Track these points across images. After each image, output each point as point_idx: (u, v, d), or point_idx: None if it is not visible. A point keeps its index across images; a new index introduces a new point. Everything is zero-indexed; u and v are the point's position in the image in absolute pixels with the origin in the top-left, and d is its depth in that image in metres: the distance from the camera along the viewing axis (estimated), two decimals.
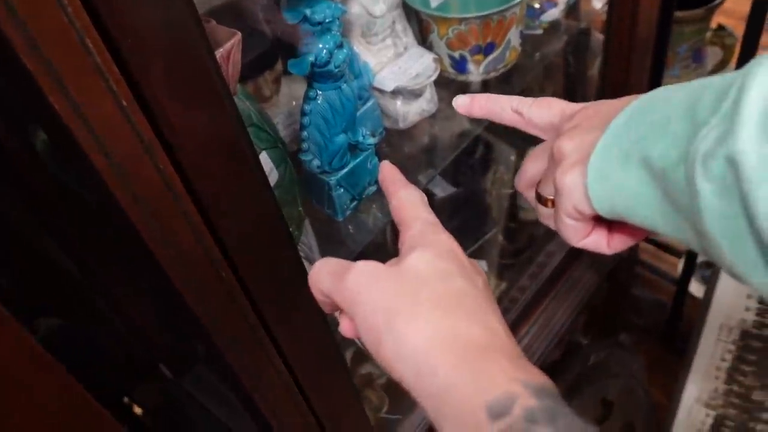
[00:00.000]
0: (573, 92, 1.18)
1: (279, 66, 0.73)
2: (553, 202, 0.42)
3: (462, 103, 0.49)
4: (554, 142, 0.41)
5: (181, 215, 0.44)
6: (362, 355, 1.04)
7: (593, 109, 0.41)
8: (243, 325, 0.53)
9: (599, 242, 0.43)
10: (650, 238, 1.61)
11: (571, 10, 1.05)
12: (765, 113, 0.28)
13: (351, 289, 0.37)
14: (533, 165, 0.46)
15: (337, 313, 0.40)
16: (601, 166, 0.37)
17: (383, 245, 1.13)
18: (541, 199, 0.44)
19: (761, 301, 1.21)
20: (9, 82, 0.37)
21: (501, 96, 0.47)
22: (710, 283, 1.29)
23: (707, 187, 0.30)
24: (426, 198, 0.44)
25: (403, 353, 0.33)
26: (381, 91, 0.77)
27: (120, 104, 0.38)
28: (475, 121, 0.87)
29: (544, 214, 0.45)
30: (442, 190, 1.15)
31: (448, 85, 0.84)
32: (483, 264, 1.16)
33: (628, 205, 0.36)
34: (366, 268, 0.37)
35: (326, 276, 0.39)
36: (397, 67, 0.76)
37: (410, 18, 0.81)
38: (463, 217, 1.18)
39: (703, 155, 0.30)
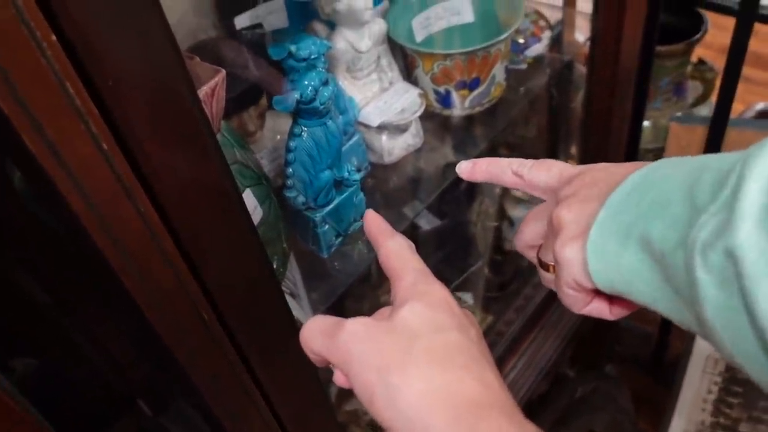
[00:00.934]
0: (557, 125, 1.19)
1: (264, 101, 0.73)
2: (554, 268, 0.42)
3: (465, 168, 0.49)
4: (553, 207, 0.41)
5: (161, 257, 0.43)
6: (347, 392, 1.02)
7: (591, 177, 0.40)
8: (224, 364, 0.52)
9: (601, 310, 0.43)
10: None
11: (554, 43, 1.06)
12: (764, 207, 0.28)
13: (342, 349, 0.36)
14: (532, 227, 0.46)
15: (331, 365, 0.40)
16: (600, 243, 0.37)
17: (368, 278, 1.12)
18: (542, 265, 0.44)
19: None
20: None
21: (501, 159, 0.48)
22: None
23: (706, 278, 0.30)
24: (414, 246, 0.44)
25: (396, 409, 0.32)
26: (366, 126, 0.77)
27: (99, 146, 0.37)
28: (461, 153, 0.87)
29: (547, 278, 0.45)
30: (428, 222, 1.14)
31: (433, 119, 0.84)
32: (468, 297, 1.15)
33: (627, 283, 0.36)
34: (357, 326, 0.37)
35: (317, 335, 0.38)
36: (382, 102, 0.76)
37: (395, 53, 0.81)
38: (448, 250, 1.18)
39: (702, 245, 0.30)
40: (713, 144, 1.09)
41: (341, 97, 0.72)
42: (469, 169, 0.48)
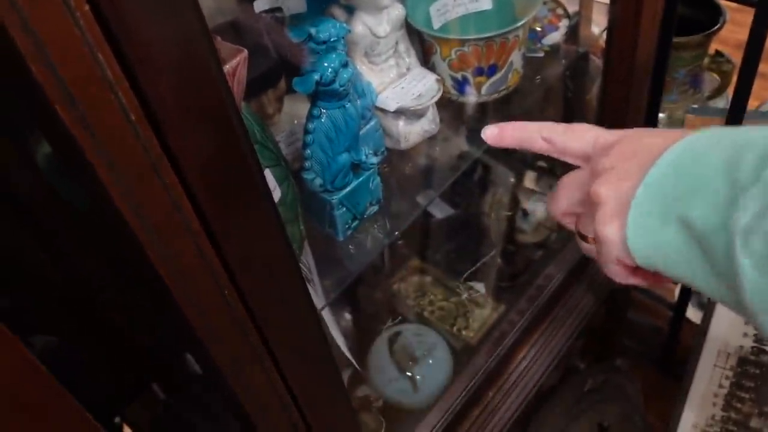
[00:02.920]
0: (571, 116, 1.19)
1: (282, 84, 0.73)
2: (594, 240, 0.42)
3: (491, 134, 0.48)
4: (588, 176, 0.41)
5: (185, 230, 0.43)
6: (359, 377, 1.03)
7: (629, 148, 0.40)
8: (244, 342, 0.52)
9: (646, 278, 0.42)
10: None
11: (570, 35, 1.06)
12: None
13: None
14: (567, 195, 0.45)
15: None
16: (639, 223, 0.37)
17: (380, 268, 1.12)
18: (582, 236, 0.45)
19: None
20: (16, 92, 0.37)
21: (529, 123, 0.47)
22: (708, 309, 1.29)
23: (747, 262, 0.30)
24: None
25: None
26: (383, 111, 0.77)
27: (128, 117, 0.37)
28: (475, 143, 0.87)
29: (586, 248, 0.45)
30: (441, 211, 1.14)
31: (449, 106, 0.84)
32: (480, 286, 1.15)
33: (668, 262, 0.36)
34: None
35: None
36: (399, 88, 0.77)
37: (413, 39, 0.81)
38: (461, 239, 1.18)
39: (744, 229, 0.30)
40: None
41: (359, 81, 0.72)
42: (495, 134, 0.47)
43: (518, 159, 1.21)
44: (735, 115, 1.06)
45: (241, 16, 0.74)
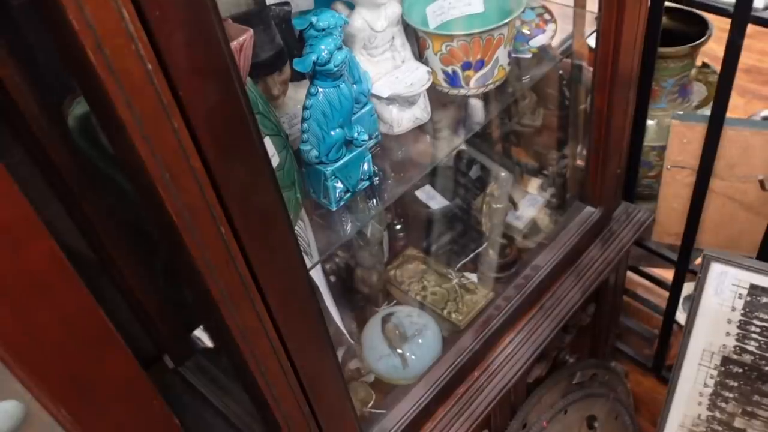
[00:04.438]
0: (563, 119, 1.26)
1: (287, 70, 0.81)
2: None
3: None
4: None
5: (190, 171, 0.51)
6: (352, 353, 1.10)
7: None
8: (237, 280, 0.60)
9: None
10: (637, 268, 1.66)
11: (568, 48, 1.14)
12: None
13: None
14: None
15: None
16: None
17: (379, 253, 1.19)
18: None
19: (741, 326, 1.25)
20: (58, 40, 0.45)
21: None
22: (692, 309, 1.34)
23: None
24: None
25: None
26: (378, 99, 0.85)
27: (145, 66, 0.45)
28: (466, 130, 0.95)
29: None
30: (437, 203, 1.22)
31: (442, 98, 0.92)
32: (474, 276, 1.22)
33: None
34: None
35: None
36: (394, 77, 0.85)
37: (409, 36, 0.89)
38: (456, 230, 1.25)
39: None
40: (712, 141, 1.15)
41: (356, 68, 0.81)
42: None
43: (514, 161, 1.29)
44: (716, 121, 1.13)
45: (253, 7, 0.83)
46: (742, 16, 0.99)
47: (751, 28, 1.02)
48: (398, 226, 1.30)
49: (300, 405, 0.76)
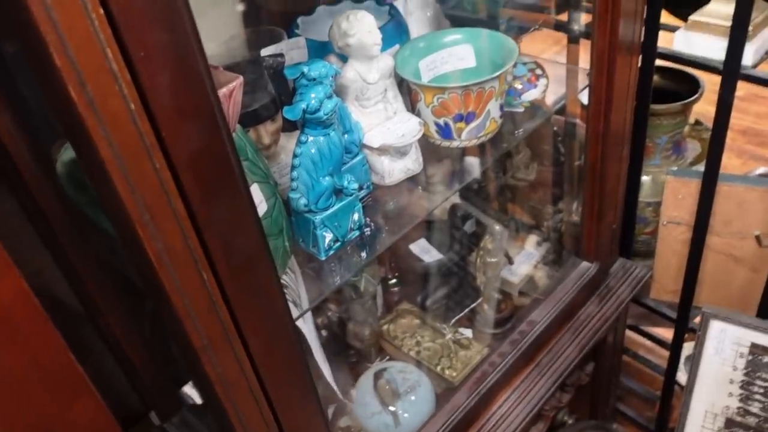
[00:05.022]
0: (557, 173, 1.26)
1: (279, 120, 0.82)
2: None
3: None
4: None
5: (171, 212, 0.51)
6: (343, 409, 1.06)
7: None
8: (218, 328, 0.58)
9: None
10: (637, 328, 1.63)
11: (561, 109, 1.15)
12: None
13: None
14: None
15: None
16: None
17: (373, 308, 1.17)
18: None
19: (743, 387, 1.22)
20: (41, 76, 0.45)
21: None
22: (692, 368, 1.31)
23: None
24: None
25: None
26: (370, 149, 0.85)
27: (128, 105, 0.45)
28: (459, 182, 0.95)
29: None
30: (431, 257, 1.21)
31: (434, 150, 0.92)
32: (468, 332, 1.20)
33: None
34: None
35: None
36: (385, 128, 0.85)
37: (402, 89, 0.90)
38: (451, 285, 1.23)
39: None
40: (706, 196, 1.15)
41: (348, 118, 0.81)
42: None
43: (509, 217, 1.29)
44: (710, 176, 1.13)
45: (247, 59, 0.84)
46: (731, 73, 1.01)
47: (746, 90, 1.03)
48: (392, 281, 1.29)
49: None
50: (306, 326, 0.92)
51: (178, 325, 0.57)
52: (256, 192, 0.68)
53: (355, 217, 0.79)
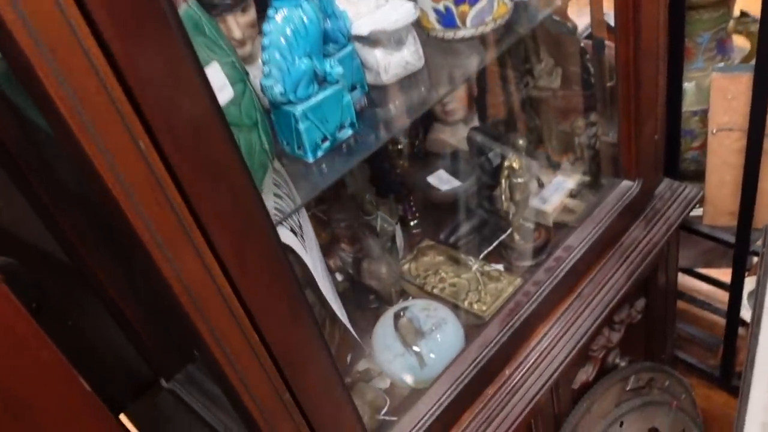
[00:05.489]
0: (594, 98, 1.13)
1: (253, 11, 0.72)
2: None
3: None
4: None
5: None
6: (361, 354, 0.96)
7: None
8: (174, 219, 0.49)
9: None
10: (692, 270, 1.48)
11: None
12: None
13: None
14: None
15: None
16: None
17: (392, 248, 1.07)
18: None
19: None
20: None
21: None
22: (757, 300, 1.16)
23: None
24: None
25: None
26: (360, 42, 0.74)
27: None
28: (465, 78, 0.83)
29: None
30: (450, 185, 1.09)
31: (436, 43, 0.81)
32: (500, 267, 1.08)
33: None
34: None
35: None
36: (376, 15, 0.74)
37: None
38: (476, 217, 1.12)
39: None
40: (761, 92, 1.00)
41: (329, 2, 0.70)
42: None
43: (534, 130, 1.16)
44: (763, 70, 0.98)
45: None
46: None
47: None
48: (413, 222, 1.18)
49: (280, 395, 0.63)
50: (315, 265, 0.82)
51: (124, 220, 0.47)
52: (217, 72, 0.58)
53: (345, 109, 0.68)
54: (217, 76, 0.58)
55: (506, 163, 0.99)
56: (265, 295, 0.58)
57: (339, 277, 1.05)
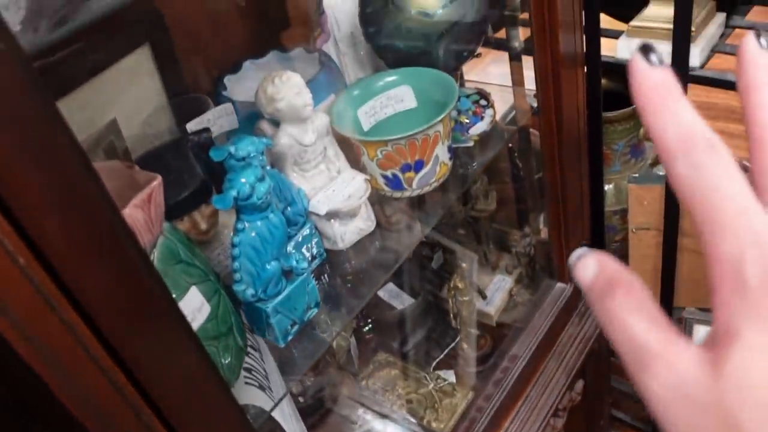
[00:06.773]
0: (519, 195, 1.22)
1: None
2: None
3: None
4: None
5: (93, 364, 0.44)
6: None
7: None
8: None
9: None
10: None
11: (507, 118, 1.11)
12: None
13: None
14: None
15: None
16: None
17: (348, 364, 1.11)
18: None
19: None
20: None
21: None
22: None
23: None
24: None
25: None
26: (317, 215, 0.79)
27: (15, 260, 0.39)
28: (415, 232, 0.89)
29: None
30: (401, 301, 1.15)
31: (387, 202, 0.87)
32: (450, 374, 1.14)
33: None
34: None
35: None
36: (330, 191, 0.79)
37: (344, 142, 0.84)
38: (426, 327, 1.18)
39: None
40: (671, 201, 1.11)
41: (289, 189, 0.75)
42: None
43: (477, 243, 1.24)
44: None
45: (171, 140, 0.78)
46: (679, 74, 0.97)
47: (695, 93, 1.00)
48: (366, 328, 1.23)
49: None
50: (281, 408, 0.86)
51: None
52: (195, 296, 0.61)
53: (311, 293, 0.73)
54: (195, 299, 0.61)
55: (451, 284, 1.06)
56: None
57: (300, 399, 1.09)
